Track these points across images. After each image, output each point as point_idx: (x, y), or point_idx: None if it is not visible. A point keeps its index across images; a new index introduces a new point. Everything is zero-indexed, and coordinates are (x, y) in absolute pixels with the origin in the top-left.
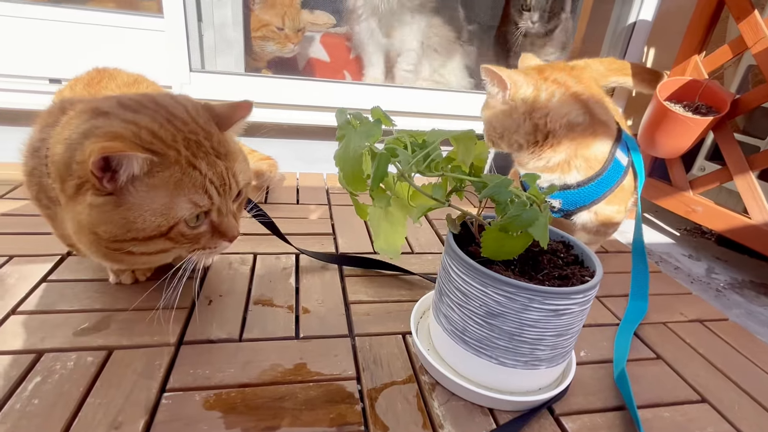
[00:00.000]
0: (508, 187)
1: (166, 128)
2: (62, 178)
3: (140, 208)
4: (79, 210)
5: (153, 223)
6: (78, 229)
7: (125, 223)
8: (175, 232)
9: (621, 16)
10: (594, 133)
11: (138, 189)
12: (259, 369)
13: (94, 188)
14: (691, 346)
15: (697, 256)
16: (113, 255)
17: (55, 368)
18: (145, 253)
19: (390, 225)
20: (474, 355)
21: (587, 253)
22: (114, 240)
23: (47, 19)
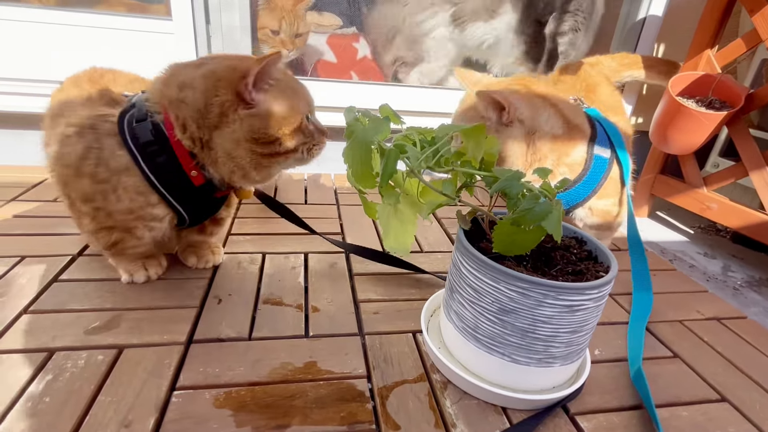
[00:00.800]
0: (520, 181)
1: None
2: (201, 114)
3: (283, 108)
4: (233, 129)
5: (291, 118)
6: (235, 146)
7: (278, 121)
8: (303, 126)
9: (630, 12)
10: (571, 139)
11: (272, 98)
12: (269, 367)
13: (242, 103)
14: (709, 344)
15: (713, 254)
16: (264, 161)
17: (66, 366)
18: (286, 151)
19: (400, 223)
20: (486, 353)
21: (601, 248)
22: (267, 142)
23: (59, 23)
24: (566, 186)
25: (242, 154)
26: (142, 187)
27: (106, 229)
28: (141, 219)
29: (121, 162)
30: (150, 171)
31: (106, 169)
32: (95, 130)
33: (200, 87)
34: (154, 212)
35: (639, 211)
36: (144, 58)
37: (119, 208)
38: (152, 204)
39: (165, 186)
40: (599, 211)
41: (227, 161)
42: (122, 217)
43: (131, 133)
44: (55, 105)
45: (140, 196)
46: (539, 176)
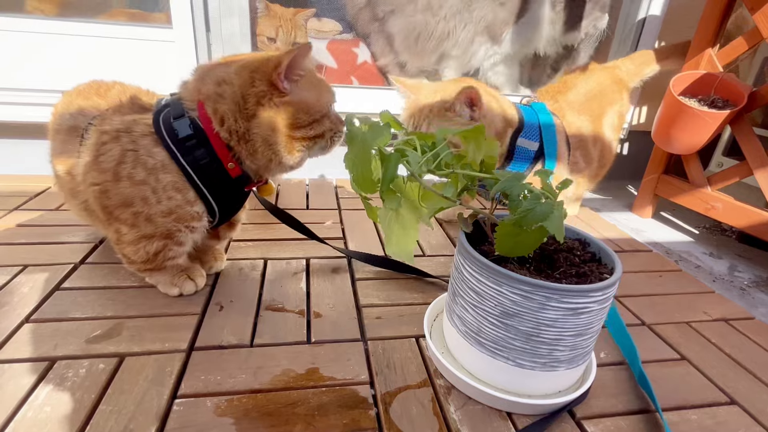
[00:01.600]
0: (521, 182)
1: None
2: (239, 106)
3: (315, 97)
4: (270, 115)
5: (319, 105)
6: (272, 132)
7: (309, 108)
8: (329, 113)
9: (630, 12)
10: (501, 135)
11: (303, 88)
12: (271, 374)
13: (276, 92)
14: (717, 345)
15: (719, 254)
16: (296, 144)
17: (68, 375)
18: (316, 135)
19: (401, 228)
20: (490, 357)
21: (605, 250)
22: (301, 126)
23: (60, 33)
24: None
25: (279, 139)
26: (180, 183)
27: (146, 237)
28: (181, 220)
29: (158, 159)
30: (188, 164)
31: (144, 168)
32: (130, 133)
33: (237, 81)
34: (192, 210)
35: (643, 211)
36: (145, 66)
37: (159, 210)
38: (190, 201)
39: (202, 179)
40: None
41: (265, 149)
42: (162, 219)
43: (169, 130)
44: (67, 116)
45: (178, 193)
46: (541, 178)
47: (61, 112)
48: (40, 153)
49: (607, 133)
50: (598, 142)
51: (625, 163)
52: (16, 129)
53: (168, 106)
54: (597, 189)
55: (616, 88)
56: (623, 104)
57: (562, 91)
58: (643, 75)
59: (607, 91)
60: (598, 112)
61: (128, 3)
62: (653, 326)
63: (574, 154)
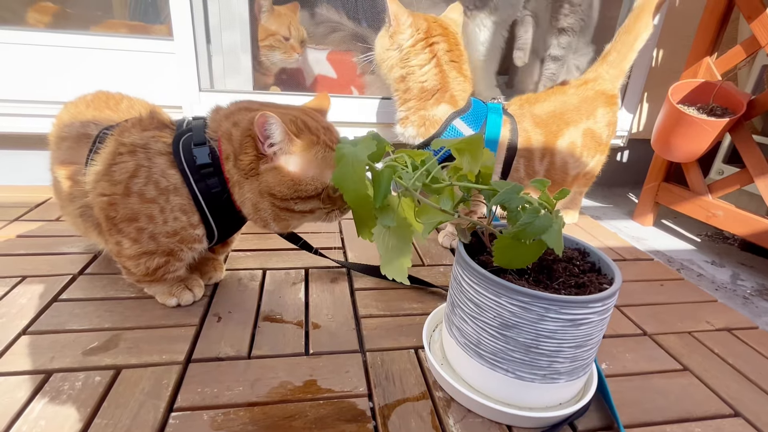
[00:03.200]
0: (519, 194)
1: (311, 119)
2: (236, 155)
3: (303, 174)
4: (260, 180)
5: (311, 186)
6: (259, 197)
7: (293, 185)
8: (324, 195)
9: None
10: (437, 101)
11: (298, 161)
12: (268, 387)
13: (261, 156)
14: (720, 356)
15: (721, 263)
16: (281, 215)
17: (63, 388)
18: (302, 211)
19: (396, 248)
20: (489, 369)
21: (604, 260)
22: (284, 199)
23: (61, 46)
24: (426, 140)
25: (264, 206)
26: (187, 206)
27: (148, 253)
28: (184, 241)
29: (172, 181)
30: (200, 190)
31: (156, 187)
32: (147, 150)
33: (240, 130)
34: (195, 233)
35: (644, 219)
36: (146, 77)
37: (164, 230)
38: (194, 225)
39: (209, 206)
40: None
41: (250, 208)
42: (166, 239)
43: (187, 155)
44: (77, 124)
45: (184, 215)
46: (537, 188)
47: (68, 121)
48: (41, 164)
49: (563, 153)
50: (546, 159)
51: (625, 170)
52: (16, 140)
53: (191, 131)
54: (600, 197)
55: (586, 107)
56: (597, 120)
57: (531, 102)
58: (625, 71)
59: (570, 111)
60: (555, 130)
61: (130, 15)
62: (655, 336)
63: (518, 161)
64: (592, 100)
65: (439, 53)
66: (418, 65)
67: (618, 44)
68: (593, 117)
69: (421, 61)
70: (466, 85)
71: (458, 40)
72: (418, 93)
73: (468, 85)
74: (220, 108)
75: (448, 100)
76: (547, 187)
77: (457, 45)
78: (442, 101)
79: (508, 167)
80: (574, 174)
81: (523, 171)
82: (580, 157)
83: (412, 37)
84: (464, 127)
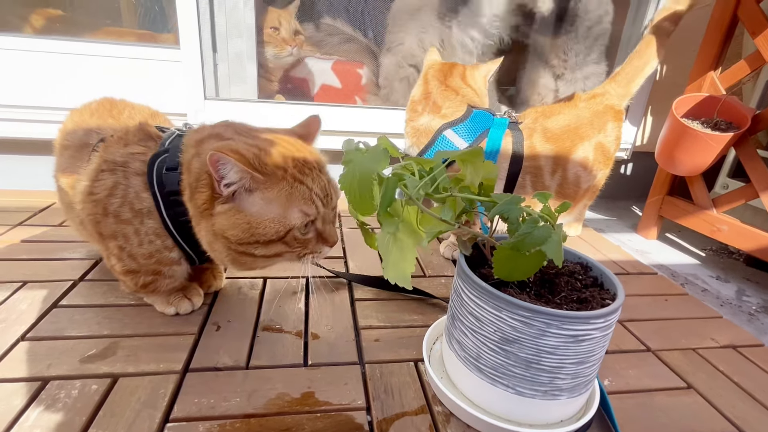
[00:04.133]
0: (519, 205)
1: (282, 149)
2: (193, 189)
3: (260, 216)
4: (213, 222)
5: (272, 229)
6: (213, 238)
7: (249, 228)
8: (289, 237)
9: (633, 36)
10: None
11: (256, 201)
12: (266, 398)
13: (216, 194)
14: (725, 374)
15: (726, 278)
16: (240, 258)
17: (59, 396)
18: (265, 255)
19: (399, 252)
20: (490, 384)
21: (607, 274)
22: (240, 243)
23: (70, 53)
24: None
25: (219, 248)
26: (160, 231)
27: (132, 272)
28: (161, 263)
29: (144, 204)
30: (168, 217)
31: (130, 209)
32: (126, 169)
33: (198, 164)
34: (171, 256)
35: (648, 233)
36: (153, 84)
37: (141, 252)
38: (168, 248)
39: (179, 232)
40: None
41: (209, 250)
42: (144, 261)
43: (159, 179)
44: (80, 132)
45: (158, 238)
46: (539, 200)
47: (71, 129)
48: (47, 169)
49: (576, 167)
50: (558, 173)
51: (630, 183)
52: (25, 145)
53: (167, 152)
54: (604, 210)
55: (597, 121)
56: (607, 134)
57: (546, 115)
58: (632, 93)
59: (585, 125)
60: (569, 146)
61: (138, 24)
62: (658, 352)
63: (524, 177)
64: (602, 114)
65: (428, 76)
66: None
67: (627, 66)
68: (604, 131)
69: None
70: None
71: (453, 69)
72: (409, 107)
73: (457, 100)
74: (201, 128)
75: (431, 109)
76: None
77: (450, 70)
78: (425, 111)
79: (512, 182)
80: (585, 188)
81: (530, 186)
82: (591, 170)
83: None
84: (456, 138)
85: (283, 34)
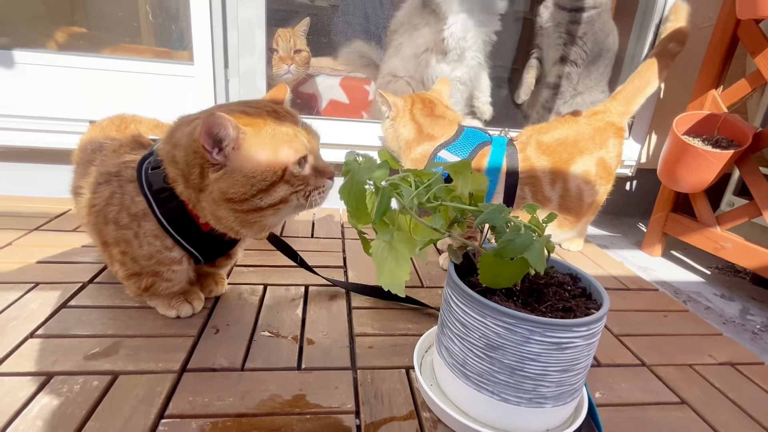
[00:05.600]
0: (502, 213)
1: (251, 107)
2: (185, 174)
3: (254, 163)
4: (210, 190)
5: (270, 171)
6: (216, 207)
7: (248, 179)
8: (288, 175)
9: (636, 53)
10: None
11: (244, 152)
12: (258, 399)
13: (210, 166)
14: (721, 390)
15: (731, 296)
16: (249, 217)
17: (62, 391)
18: (272, 204)
19: (394, 260)
20: (475, 390)
21: (595, 286)
22: (244, 199)
23: (88, 68)
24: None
25: (225, 214)
26: (158, 231)
27: (135, 275)
28: (161, 263)
29: (140, 207)
30: (162, 216)
31: (127, 214)
32: (119, 177)
33: (182, 149)
34: (171, 255)
35: (652, 249)
36: (167, 99)
37: (141, 253)
38: (168, 247)
39: (176, 230)
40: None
41: (216, 222)
42: (145, 262)
43: (147, 180)
44: (88, 150)
45: (157, 239)
46: (527, 212)
47: (82, 146)
48: (65, 177)
49: (577, 180)
50: (559, 185)
51: (634, 200)
52: (45, 154)
53: (152, 154)
54: (608, 227)
55: (599, 137)
56: (609, 150)
57: (542, 131)
58: (632, 112)
59: (585, 139)
60: (566, 158)
61: (156, 42)
62: (653, 367)
63: (522, 189)
64: (603, 130)
65: (416, 113)
66: (402, 126)
67: (629, 86)
68: (605, 147)
69: (404, 123)
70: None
71: (433, 100)
72: (405, 146)
73: (446, 123)
74: (175, 122)
75: (425, 139)
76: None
77: (431, 103)
78: (421, 142)
79: (511, 194)
80: (589, 202)
81: (530, 198)
82: (594, 185)
83: (403, 111)
84: (450, 156)
85: (280, 53)
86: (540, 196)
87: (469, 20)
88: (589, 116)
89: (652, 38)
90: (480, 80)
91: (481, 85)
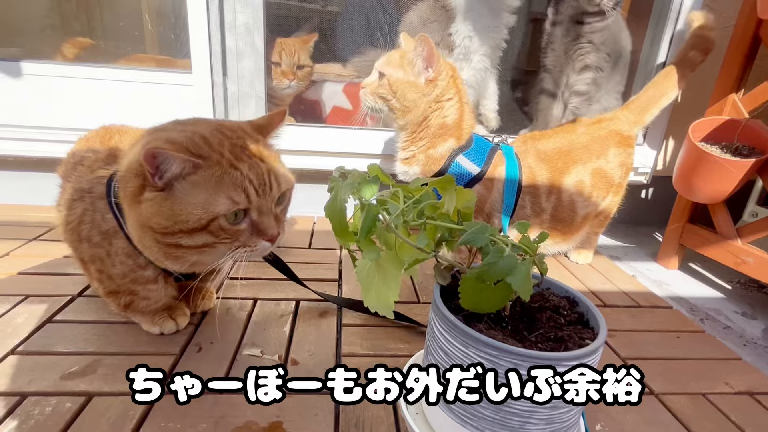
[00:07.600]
0: (486, 233)
1: (218, 135)
2: (125, 182)
3: (184, 202)
4: (139, 210)
5: (194, 216)
6: (139, 229)
7: (172, 215)
8: (214, 227)
9: (650, 57)
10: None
11: (183, 185)
12: (232, 426)
13: (148, 184)
14: (737, 424)
15: (753, 314)
16: (170, 251)
17: (34, 413)
18: (192, 246)
19: (382, 280)
20: (460, 426)
21: (593, 311)
22: (165, 232)
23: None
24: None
25: (149, 242)
26: (129, 250)
27: (113, 293)
28: (136, 282)
29: (110, 225)
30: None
31: (98, 232)
32: (91, 194)
33: (128, 174)
34: (145, 274)
35: (668, 262)
36: (165, 108)
37: (115, 272)
38: (141, 266)
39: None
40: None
41: (143, 249)
42: (120, 281)
43: (115, 196)
44: (70, 164)
45: (129, 258)
46: (518, 231)
47: (66, 159)
48: None
49: (570, 191)
50: (553, 196)
51: (650, 209)
52: (43, 163)
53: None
54: (622, 237)
55: (595, 146)
56: (609, 160)
57: (538, 138)
58: (645, 122)
59: (578, 149)
60: (561, 167)
61: (159, 50)
62: (662, 396)
63: (523, 198)
64: (603, 140)
65: (461, 91)
66: (447, 100)
67: (643, 96)
68: (604, 157)
69: (450, 95)
70: (473, 122)
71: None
72: (436, 129)
73: (474, 122)
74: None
75: (457, 134)
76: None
77: (462, 89)
78: (453, 136)
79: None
80: (583, 213)
81: (529, 208)
82: (589, 196)
83: (448, 77)
84: (468, 163)
85: (283, 68)
86: (537, 207)
87: (478, 22)
88: (590, 124)
89: (668, 42)
90: (487, 85)
91: (488, 90)
